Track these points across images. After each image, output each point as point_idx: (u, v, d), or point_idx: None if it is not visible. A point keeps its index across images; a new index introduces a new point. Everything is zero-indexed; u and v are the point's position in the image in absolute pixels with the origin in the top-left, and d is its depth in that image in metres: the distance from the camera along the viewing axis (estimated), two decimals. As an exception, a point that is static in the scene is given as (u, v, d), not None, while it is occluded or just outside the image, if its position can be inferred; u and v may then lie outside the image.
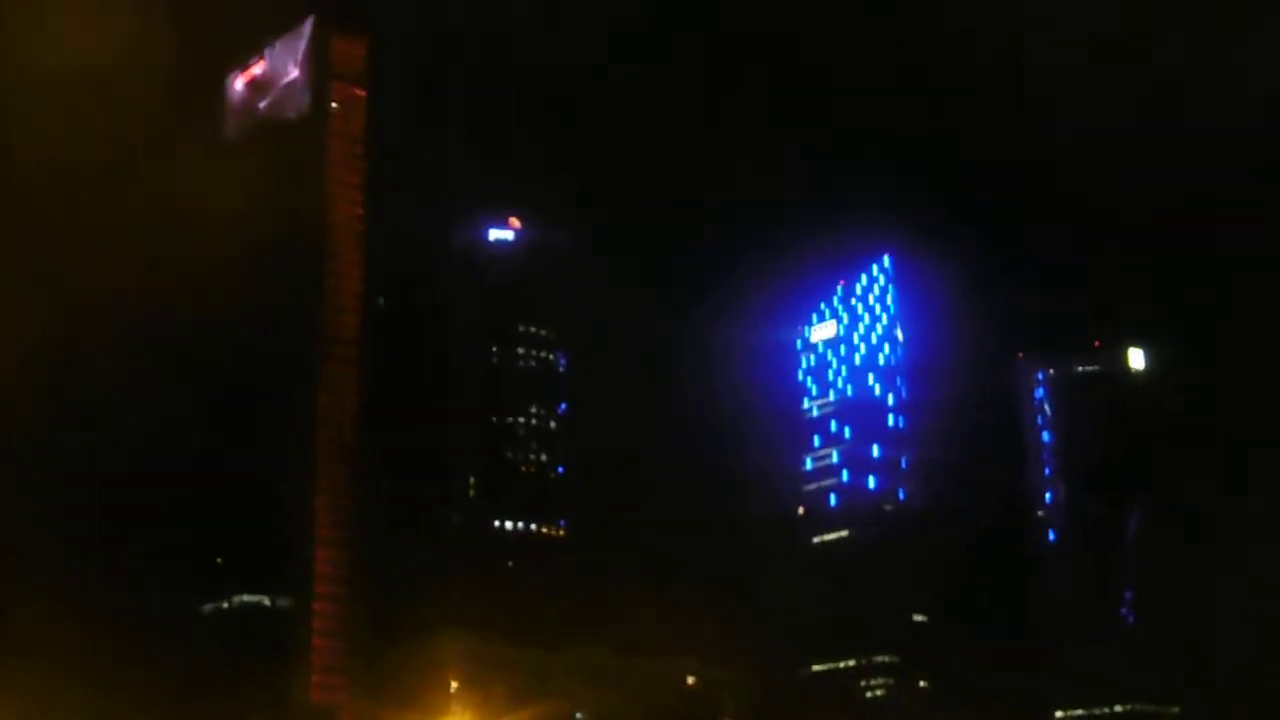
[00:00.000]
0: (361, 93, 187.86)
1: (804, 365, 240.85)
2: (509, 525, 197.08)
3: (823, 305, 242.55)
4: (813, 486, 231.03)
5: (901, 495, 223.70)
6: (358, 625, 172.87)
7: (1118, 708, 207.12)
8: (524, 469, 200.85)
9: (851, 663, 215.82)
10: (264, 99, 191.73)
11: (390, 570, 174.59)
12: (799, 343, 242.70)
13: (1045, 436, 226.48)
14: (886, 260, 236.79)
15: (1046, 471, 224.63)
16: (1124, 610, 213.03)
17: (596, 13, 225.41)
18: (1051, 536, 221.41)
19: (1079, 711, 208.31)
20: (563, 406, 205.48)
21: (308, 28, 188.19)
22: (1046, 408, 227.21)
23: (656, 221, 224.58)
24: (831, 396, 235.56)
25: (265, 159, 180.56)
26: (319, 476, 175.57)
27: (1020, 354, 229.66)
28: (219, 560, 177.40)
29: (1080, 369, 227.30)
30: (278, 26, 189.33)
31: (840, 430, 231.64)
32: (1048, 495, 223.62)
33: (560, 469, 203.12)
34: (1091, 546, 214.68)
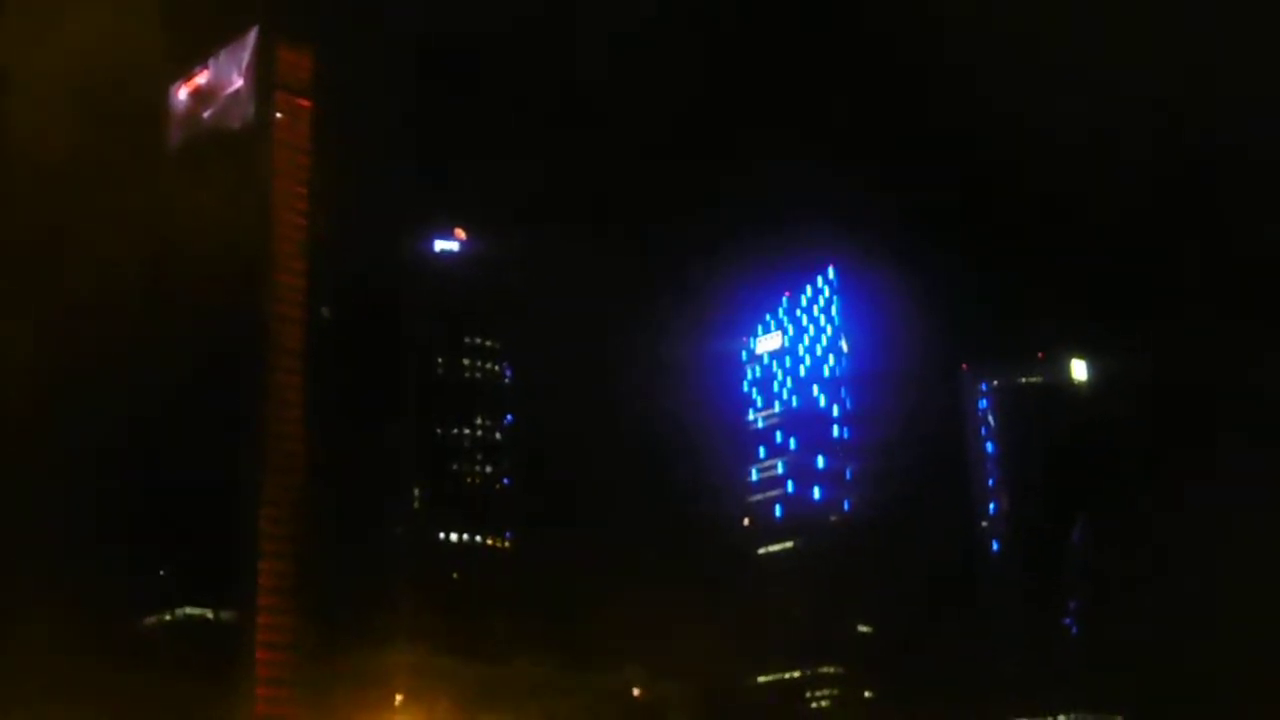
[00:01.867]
0: (306, 103, 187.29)
1: (749, 377, 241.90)
2: (454, 537, 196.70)
3: (768, 317, 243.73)
4: (758, 497, 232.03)
5: (846, 506, 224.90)
6: (303, 638, 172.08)
7: (1062, 717, 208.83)
8: (469, 480, 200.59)
9: (797, 674, 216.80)
10: (208, 108, 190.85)
11: (335, 583, 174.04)
12: (744, 354, 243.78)
13: (989, 447, 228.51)
14: (831, 272, 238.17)
15: (990, 482, 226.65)
16: (1067, 620, 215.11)
17: (549, 23, 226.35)
18: (995, 547, 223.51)
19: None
20: (508, 418, 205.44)
21: (252, 37, 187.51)
22: (990, 419, 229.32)
23: (602, 233, 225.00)
24: (776, 408, 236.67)
25: (208, 169, 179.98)
26: (264, 488, 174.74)
27: (964, 365, 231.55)
28: (162, 573, 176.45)
29: (1023, 380, 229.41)
30: (222, 35, 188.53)
31: (785, 441, 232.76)
32: (991, 506, 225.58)
33: (506, 480, 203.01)
34: (1034, 557, 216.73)
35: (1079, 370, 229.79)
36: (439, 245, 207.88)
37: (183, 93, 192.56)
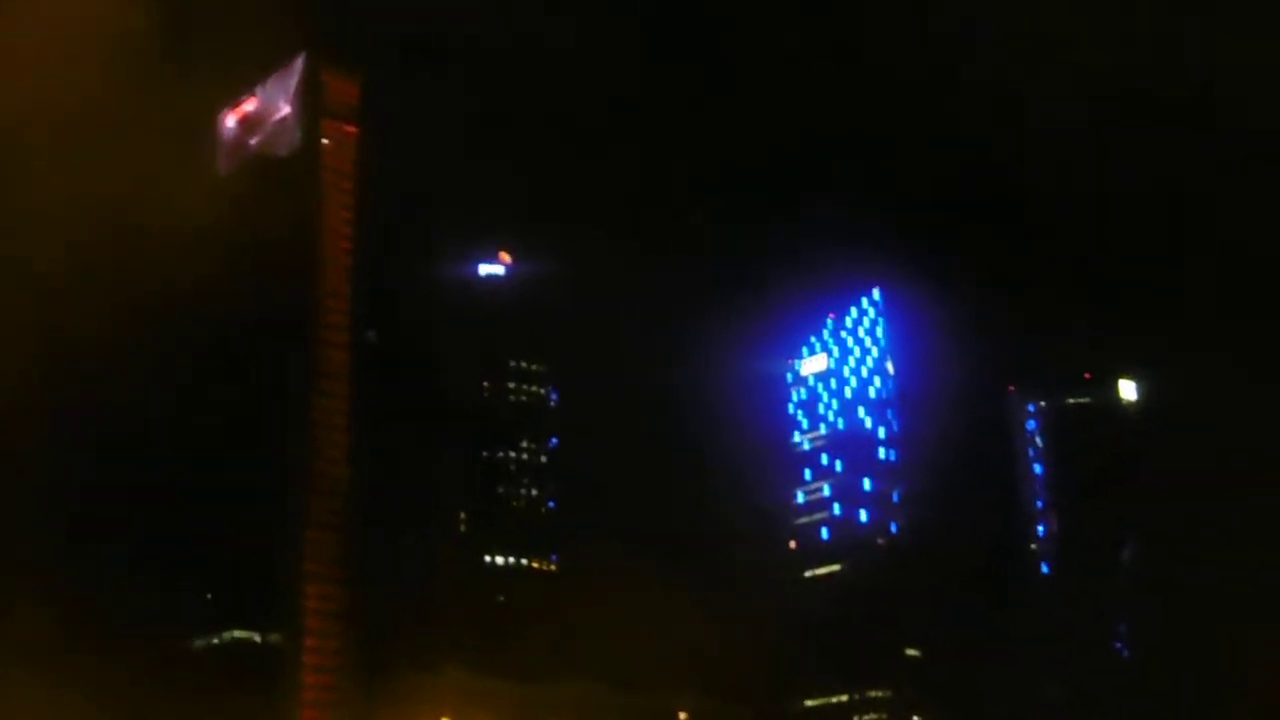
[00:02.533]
0: (353, 129, 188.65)
1: (794, 399, 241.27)
2: (499, 559, 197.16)
3: (813, 338, 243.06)
4: (804, 520, 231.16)
5: (894, 528, 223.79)
6: (349, 661, 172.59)
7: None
8: (514, 503, 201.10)
9: (845, 698, 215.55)
10: (255, 135, 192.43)
11: (381, 605, 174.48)
12: (789, 376, 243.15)
13: (1037, 469, 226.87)
14: (876, 293, 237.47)
15: (1039, 504, 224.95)
16: (1117, 643, 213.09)
17: (587, 49, 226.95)
18: (1044, 569, 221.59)
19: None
20: (553, 441, 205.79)
21: (299, 64, 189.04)
22: (1038, 440, 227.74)
23: (647, 256, 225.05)
24: (822, 430, 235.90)
25: (256, 195, 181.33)
26: (310, 512, 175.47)
27: (1011, 386, 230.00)
28: (210, 596, 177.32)
29: (1071, 401, 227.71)
30: (270, 63, 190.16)
31: (831, 463, 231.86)
32: (1040, 528, 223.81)
33: (551, 503, 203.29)
34: (1084, 579, 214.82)
35: (1127, 390, 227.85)
36: (484, 269, 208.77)
37: (231, 120, 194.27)
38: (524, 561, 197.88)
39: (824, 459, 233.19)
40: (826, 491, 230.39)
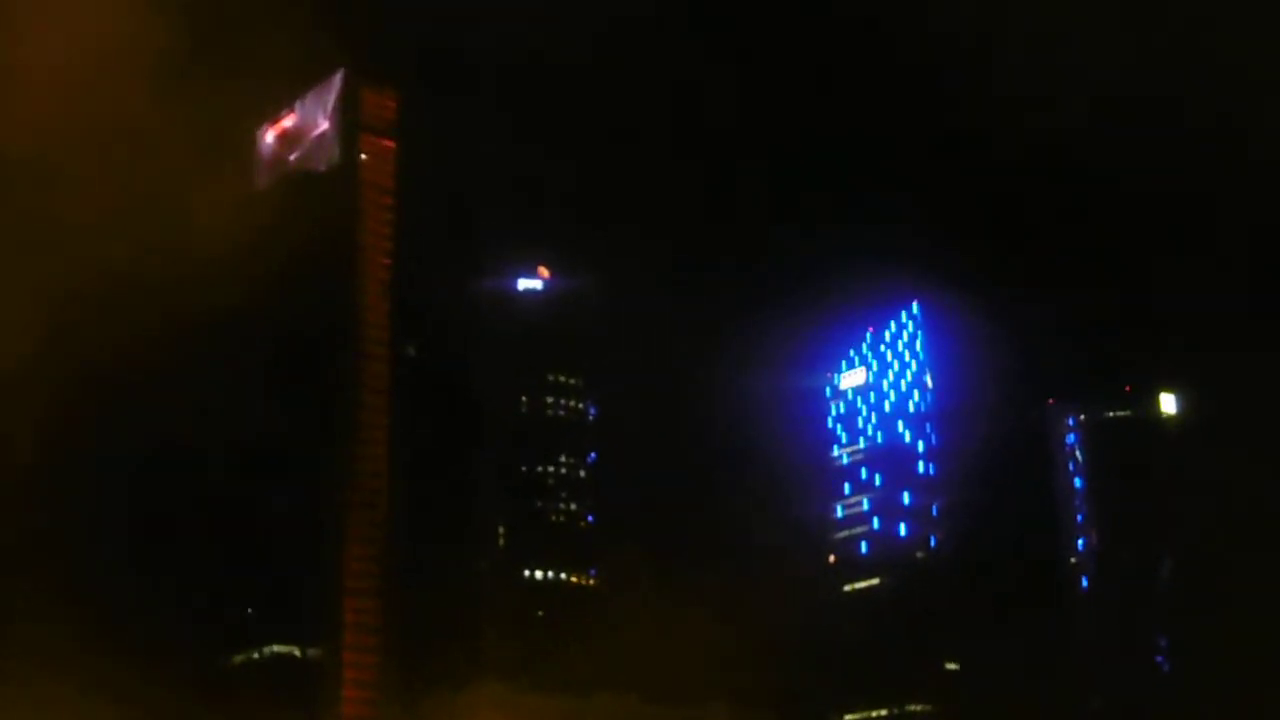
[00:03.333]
0: (390, 144, 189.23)
1: (833, 413, 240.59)
2: (538, 574, 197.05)
3: (851, 353, 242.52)
4: (844, 534, 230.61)
5: (933, 542, 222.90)
6: (388, 675, 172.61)
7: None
8: (553, 518, 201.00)
9: (884, 712, 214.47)
10: (294, 151, 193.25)
11: (420, 620, 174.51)
12: (828, 390, 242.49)
13: (1077, 482, 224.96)
14: (915, 307, 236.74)
15: (1078, 518, 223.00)
16: (1158, 658, 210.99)
17: (626, 66, 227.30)
18: (1084, 583, 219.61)
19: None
20: (592, 455, 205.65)
21: (337, 80, 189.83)
22: (1078, 454, 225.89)
23: (686, 271, 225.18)
24: (861, 444, 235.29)
25: (295, 209, 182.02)
26: (349, 526, 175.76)
27: (1050, 400, 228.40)
28: (249, 610, 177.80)
29: (1111, 414, 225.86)
30: (308, 79, 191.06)
31: (871, 477, 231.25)
32: (1080, 541, 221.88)
33: (590, 518, 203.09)
34: (1124, 593, 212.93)
35: (1168, 404, 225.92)
36: (522, 283, 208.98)
37: (270, 135, 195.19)
38: (562, 576, 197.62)
39: (863, 473, 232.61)
40: (866, 506, 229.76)
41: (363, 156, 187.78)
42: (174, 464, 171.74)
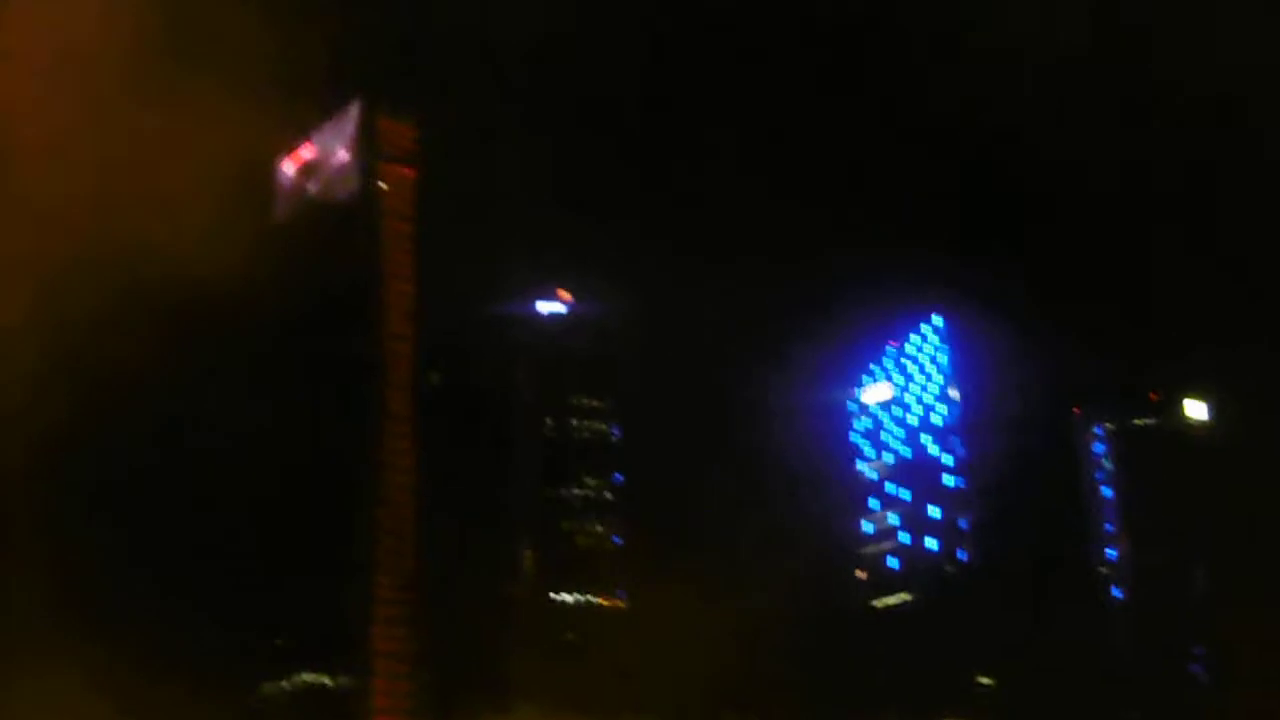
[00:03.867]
0: (410, 173, 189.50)
1: (858, 428, 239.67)
2: (566, 598, 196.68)
3: (874, 367, 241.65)
4: (871, 549, 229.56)
5: (962, 556, 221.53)
6: (419, 703, 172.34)
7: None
8: (580, 540, 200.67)
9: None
10: (313, 181, 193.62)
11: (451, 646, 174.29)
12: (852, 405, 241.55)
13: (1106, 492, 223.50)
14: (937, 319, 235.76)
15: (1109, 528, 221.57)
16: (1195, 667, 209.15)
17: (643, 83, 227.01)
18: (1116, 594, 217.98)
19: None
20: (618, 477, 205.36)
21: (355, 110, 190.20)
22: (1106, 463, 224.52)
23: (707, 290, 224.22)
24: (887, 458, 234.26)
25: (316, 240, 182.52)
26: (377, 554, 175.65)
27: (1077, 409, 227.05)
28: (279, 641, 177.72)
29: (1139, 422, 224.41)
30: (326, 110, 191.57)
31: (898, 492, 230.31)
32: (1110, 552, 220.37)
33: (617, 539, 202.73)
34: (1158, 602, 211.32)
35: (1196, 410, 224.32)
36: (545, 307, 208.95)
37: (288, 167, 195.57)
38: (590, 599, 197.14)
39: (890, 487, 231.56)
40: (893, 520, 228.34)
41: (382, 185, 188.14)
42: (199, 493, 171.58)
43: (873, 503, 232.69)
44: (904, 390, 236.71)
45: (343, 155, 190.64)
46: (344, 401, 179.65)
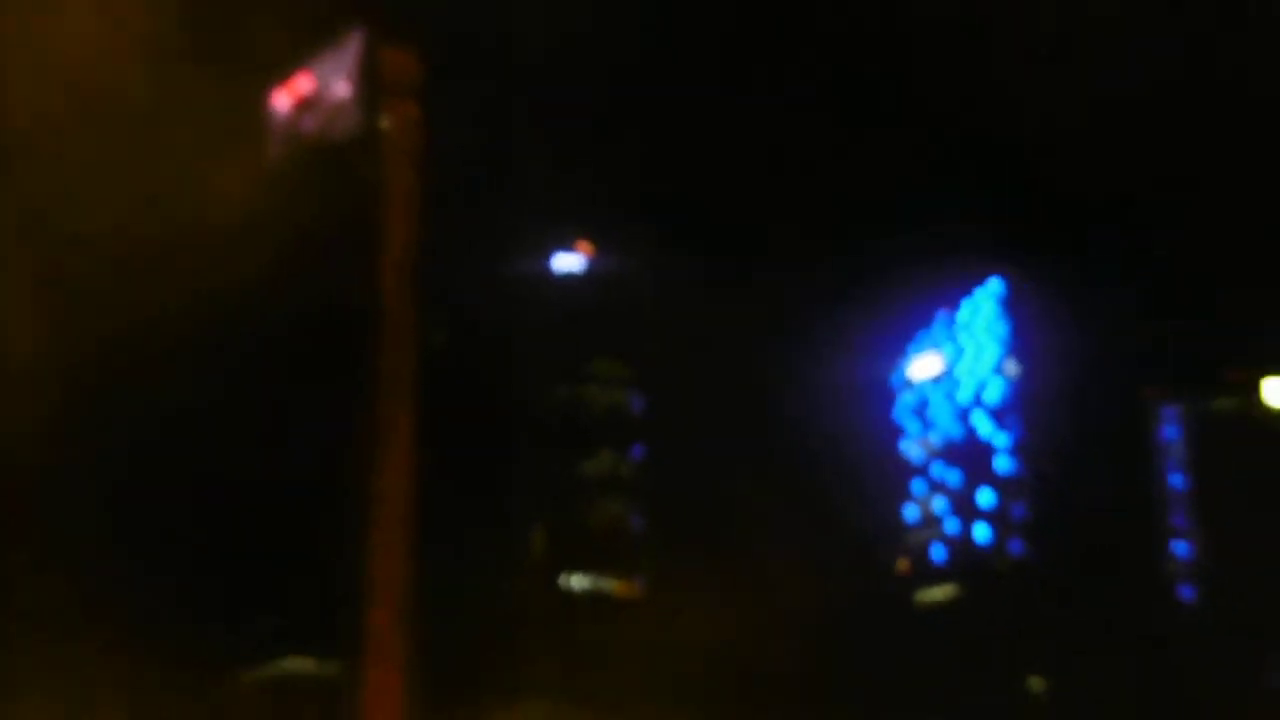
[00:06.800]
0: (416, 109, 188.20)
1: (903, 404, 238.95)
2: (578, 585, 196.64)
3: (923, 336, 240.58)
4: (914, 539, 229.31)
5: (1015, 548, 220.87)
6: (412, 694, 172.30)
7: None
8: (595, 522, 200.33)
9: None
10: (309, 118, 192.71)
11: (450, 633, 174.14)
12: (897, 379, 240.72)
13: (1176, 481, 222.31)
14: (995, 284, 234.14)
15: (1179, 520, 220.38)
16: (1274, 676, 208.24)
17: (684, 33, 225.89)
18: (1186, 594, 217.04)
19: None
20: (636, 451, 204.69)
21: (356, 39, 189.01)
22: (1178, 449, 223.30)
23: (739, 248, 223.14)
24: (935, 439, 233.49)
25: (312, 184, 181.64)
26: (373, 530, 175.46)
27: (1146, 388, 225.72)
28: (260, 621, 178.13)
29: (1214, 405, 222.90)
30: (323, 40, 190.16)
31: (945, 476, 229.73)
32: (1180, 547, 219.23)
33: (635, 520, 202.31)
34: (1233, 604, 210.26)
35: (1276, 391, 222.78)
36: (561, 262, 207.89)
37: (282, 101, 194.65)
38: (605, 584, 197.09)
39: (936, 471, 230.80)
40: (940, 506, 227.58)
41: (385, 124, 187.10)
42: (188, 467, 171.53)
43: (918, 487, 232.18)
44: (955, 363, 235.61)
45: (342, 89, 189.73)
46: (337, 366, 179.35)
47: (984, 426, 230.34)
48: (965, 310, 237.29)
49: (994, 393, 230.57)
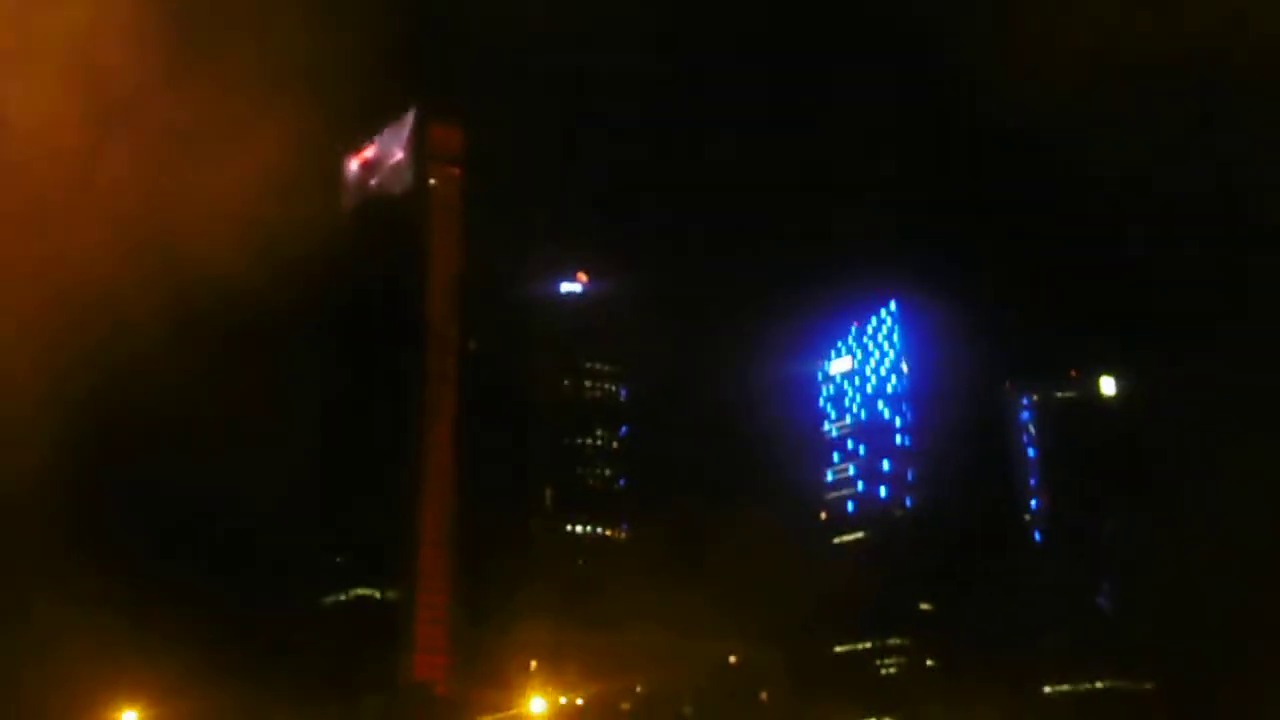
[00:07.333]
0: (457, 171, 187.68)
1: (824, 394, 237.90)
2: (580, 529, 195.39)
3: (840, 343, 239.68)
4: (833, 495, 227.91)
5: (908, 503, 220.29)
6: (454, 615, 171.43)
7: (1098, 684, 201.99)
8: (592, 483, 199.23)
9: (868, 645, 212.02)
10: (374, 177, 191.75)
11: (481, 568, 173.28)
12: (820, 375, 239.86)
13: (1030, 453, 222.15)
14: (893, 304, 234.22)
15: (1031, 482, 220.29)
16: (1100, 600, 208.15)
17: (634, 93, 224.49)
18: (1036, 537, 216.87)
19: (1065, 688, 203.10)
20: (623, 430, 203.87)
21: (410, 116, 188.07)
22: (1031, 429, 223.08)
23: (701, 274, 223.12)
24: (848, 420, 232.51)
25: (376, 227, 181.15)
26: (424, 489, 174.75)
27: (1008, 383, 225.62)
28: (339, 559, 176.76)
29: (1059, 394, 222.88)
30: (386, 115, 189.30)
31: (856, 448, 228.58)
32: (1033, 502, 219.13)
33: (622, 482, 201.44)
34: (1071, 545, 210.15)
35: (1108, 385, 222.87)
36: (565, 287, 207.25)
37: (354, 164, 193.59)
38: (600, 530, 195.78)
39: (849, 444, 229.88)
40: (852, 471, 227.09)
41: (432, 182, 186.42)
42: (277, 443, 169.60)
43: (835, 456, 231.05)
44: (864, 363, 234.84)
45: (399, 155, 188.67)
46: (396, 366, 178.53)
47: (885, 411, 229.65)
48: (871, 323, 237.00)
49: (892, 386, 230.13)
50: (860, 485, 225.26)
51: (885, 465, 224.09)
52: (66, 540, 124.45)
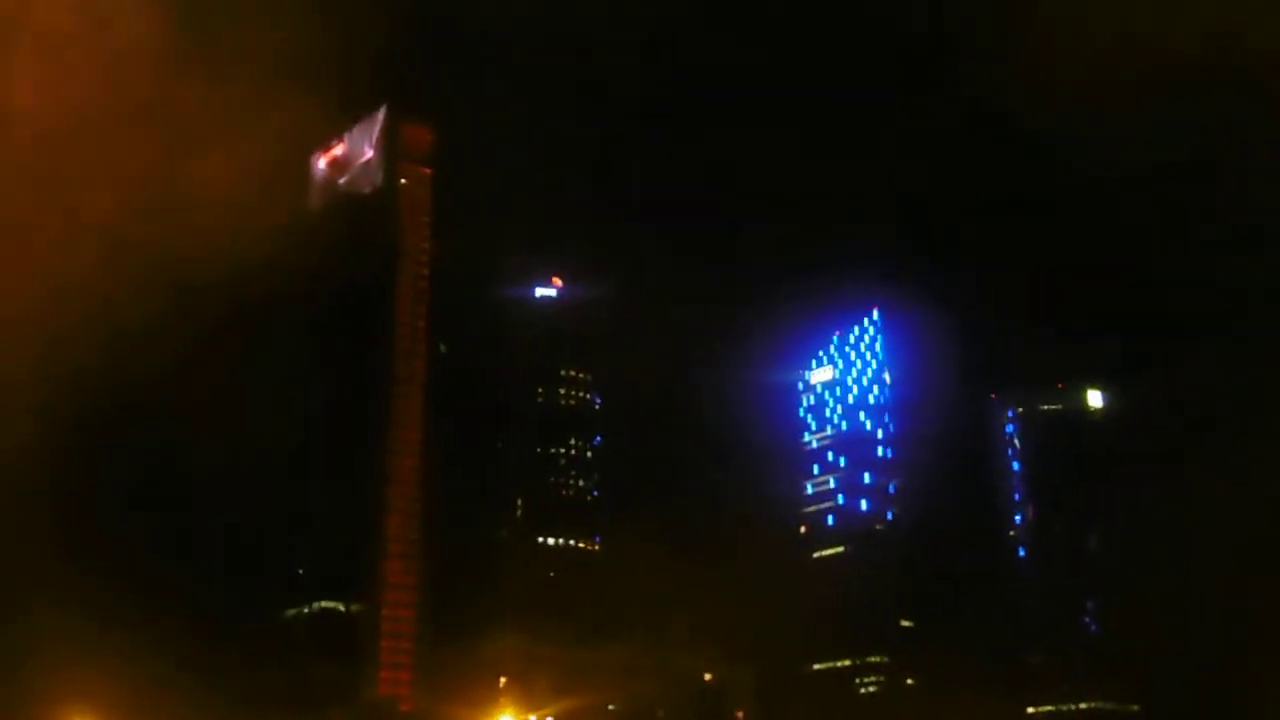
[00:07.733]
0: (427, 171, 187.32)
1: (805, 404, 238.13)
2: (551, 541, 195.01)
3: (820, 352, 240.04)
4: (812, 509, 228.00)
5: (890, 516, 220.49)
6: (420, 628, 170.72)
7: (1082, 705, 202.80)
8: (564, 492, 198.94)
9: (847, 662, 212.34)
10: (343, 175, 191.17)
11: (449, 580, 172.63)
12: (800, 385, 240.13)
13: (1015, 466, 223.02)
14: (876, 314, 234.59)
15: (1016, 496, 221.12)
16: (1086, 619, 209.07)
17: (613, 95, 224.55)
18: (1021, 553, 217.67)
19: (1048, 708, 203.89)
20: (597, 439, 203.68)
21: (381, 114, 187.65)
22: (1016, 441, 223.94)
23: (679, 280, 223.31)
24: (829, 431, 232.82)
25: (344, 226, 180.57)
26: (389, 499, 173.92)
27: (993, 394, 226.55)
28: (301, 571, 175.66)
29: (1045, 407, 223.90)
30: (355, 113, 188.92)
31: (836, 460, 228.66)
32: (1018, 517, 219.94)
33: (595, 492, 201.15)
34: (1056, 562, 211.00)
35: (1094, 398, 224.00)
36: (539, 291, 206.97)
37: (322, 162, 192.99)
38: (572, 542, 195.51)
39: (830, 456, 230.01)
40: (832, 484, 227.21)
41: (403, 181, 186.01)
42: (238, 447, 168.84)
43: (815, 468, 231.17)
44: (845, 373, 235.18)
45: (370, 154, 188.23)
46: (362, 368, 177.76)
47: (867, 422, 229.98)
48: (854, 332, 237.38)
49: (875, 397, 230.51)
50: (841, 498, 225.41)
51: (866, 478, 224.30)
52: (16, 553, 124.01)
